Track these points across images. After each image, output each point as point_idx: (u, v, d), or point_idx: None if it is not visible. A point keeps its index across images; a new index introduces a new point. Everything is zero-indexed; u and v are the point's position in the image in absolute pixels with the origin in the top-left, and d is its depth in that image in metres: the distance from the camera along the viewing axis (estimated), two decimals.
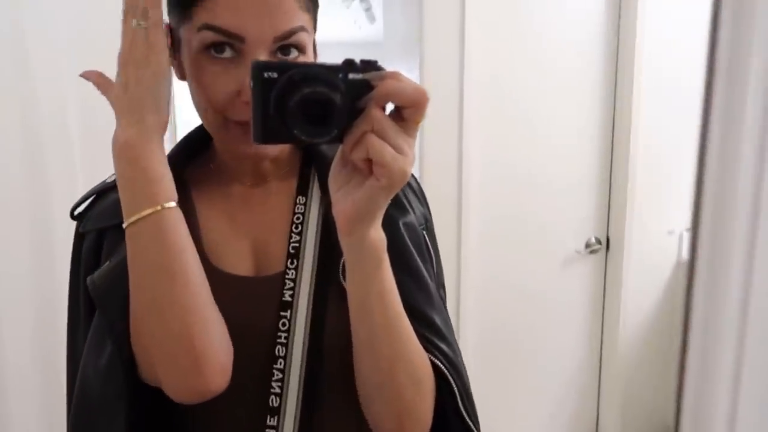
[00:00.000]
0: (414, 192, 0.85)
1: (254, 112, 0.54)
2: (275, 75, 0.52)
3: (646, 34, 2.29)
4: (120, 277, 0.67)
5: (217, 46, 0.66)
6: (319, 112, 0.52)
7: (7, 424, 1.22)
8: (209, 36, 0.66)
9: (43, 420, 1.29)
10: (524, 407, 2.50)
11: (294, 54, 0.69)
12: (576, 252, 2.45)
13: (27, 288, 1.30)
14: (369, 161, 0.54)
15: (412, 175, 0.85)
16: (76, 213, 0.79)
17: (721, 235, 0.25)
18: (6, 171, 1.33)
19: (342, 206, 0.57)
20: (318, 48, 0.76)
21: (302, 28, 0.68)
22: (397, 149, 0.53)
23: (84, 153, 1.43)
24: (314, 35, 0.74)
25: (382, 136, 0.53)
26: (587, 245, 2.45)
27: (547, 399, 2.53)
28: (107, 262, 0.71)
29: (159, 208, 0.64)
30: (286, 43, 0.67)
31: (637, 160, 2.37)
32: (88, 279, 0.70)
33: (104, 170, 0.81)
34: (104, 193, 0.78)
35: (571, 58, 2.33)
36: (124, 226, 0.65)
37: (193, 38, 0.67)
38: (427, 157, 2.21)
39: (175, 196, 0.67)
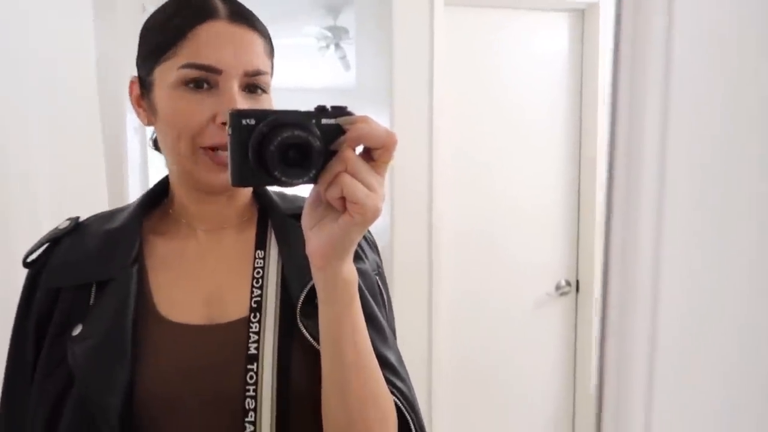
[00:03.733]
0: (366, 241, 0.88)
1: (232, 157, 0.57)
2: (252, 122, 0.56)
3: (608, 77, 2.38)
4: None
5: (197, 82, 0.72)
6: (297, 155, 0.55)
7: None
8: (191, 72, 0.72)
9: None
10: None
11: (259, 93, 0.75)
12: (547, 294, 2.48)
13: None
14: (343, 199, 0.57)
15: None
16: (28, 260, 0.78)
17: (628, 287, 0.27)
18: None
19: (317, 242, 0.60)
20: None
21: (266, 72, 0.76)
22: (369, 187, 0.57)
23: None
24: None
25: (355, 176, 0.56)
26: (557, 287, 2.49)
27: None
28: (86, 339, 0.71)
29: None
30: (253, 81, 0.74)
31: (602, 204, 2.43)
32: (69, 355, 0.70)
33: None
34: (58, 240, 0.79)
35: (536, 104, 2.42)
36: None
37: (171, 75, 0.73)
38: (398, 201, 2.24)
39: None
